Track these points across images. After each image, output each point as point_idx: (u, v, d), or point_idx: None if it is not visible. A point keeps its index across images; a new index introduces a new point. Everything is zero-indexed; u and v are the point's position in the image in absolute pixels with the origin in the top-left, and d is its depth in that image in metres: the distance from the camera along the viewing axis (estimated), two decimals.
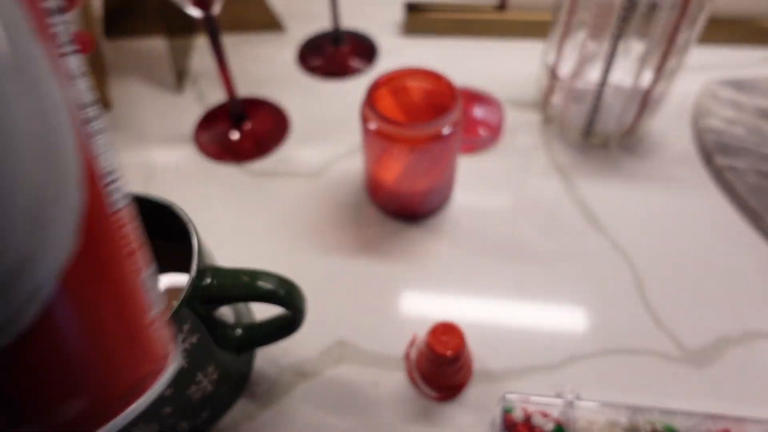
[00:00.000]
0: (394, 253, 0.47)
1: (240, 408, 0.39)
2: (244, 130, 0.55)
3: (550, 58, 0.52)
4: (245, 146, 0.54)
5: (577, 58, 0.49)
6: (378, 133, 0.42)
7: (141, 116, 0.59)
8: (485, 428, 0.38)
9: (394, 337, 0.42)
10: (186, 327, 0.31)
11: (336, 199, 0.51)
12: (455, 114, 0.42)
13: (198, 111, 0.59)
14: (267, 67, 0.63)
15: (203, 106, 0.59)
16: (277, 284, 0.33)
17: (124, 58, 0.65)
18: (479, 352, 0.41)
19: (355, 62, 0.63)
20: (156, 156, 0.55)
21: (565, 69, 0.51)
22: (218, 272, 0.33)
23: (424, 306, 0.44)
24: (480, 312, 0.43)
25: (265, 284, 0.33)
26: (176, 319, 0.30)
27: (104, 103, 0.58)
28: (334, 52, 0.63)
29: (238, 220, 0.50)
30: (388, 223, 0.49)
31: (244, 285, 0.33)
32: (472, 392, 0.40)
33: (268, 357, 0.41)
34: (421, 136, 0.41)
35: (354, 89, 0.61)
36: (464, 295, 0.44)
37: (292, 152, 0.55)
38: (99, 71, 0.60)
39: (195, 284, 0.31)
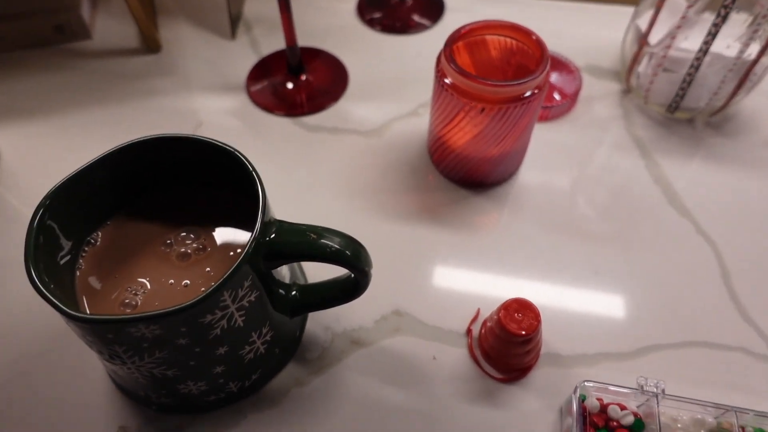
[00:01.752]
0: (456, 221, 0.44)
1: (290, 372, 0.37)
2: (300, 81, 0.52)
3: (643, 21, 0.47)
4: (301, 99, 0.51)
5: (673, 23, 0.44)
6: (456, 89, 0.39)
7: (191, 61, 0.56)
8: (553, 415, 0.35)
9: (454, 310, 0.39)
10: (247, 283, 0.29)
11: (395, 160, 0.48)
12: (543, 74, 0.38)
13: (250, 59, 0.55)
14: (325, 17, 0.60)
15: (256, 54, 0.56)
16: (345, 244, 0.31)
17: None
18: (547, 334, 0.38)
19: (418, 18, 0.59)
20: (204, 103, 0.52)
21: (657, 35, 0.47)
22: (283, 228, 0.30)
23: (487, 280, 0.41)
24: (548, 291, 0.40)
25: (332, 243, 0.30)
26: (238, 274, 0.27)
27: (153, 45, 0.56)
28: (398, 5, 0.59)
29: (289, 175, 0.47)
30: (451, 189, 0.46)
31: (310, 243, 0.30)
32: (538, 376, 0.37)
33: (319, 322, 0.39)
34: (505, 96, 0.38)
35: (416, 46, 0.57)
36: (532, 271, 0.41)
37: (350, 108, 0.52)
38: (148, 11, 0.57)
39: (258, 239, 0.29)
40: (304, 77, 0.52)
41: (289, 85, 0.52)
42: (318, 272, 0.40)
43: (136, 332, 0.26)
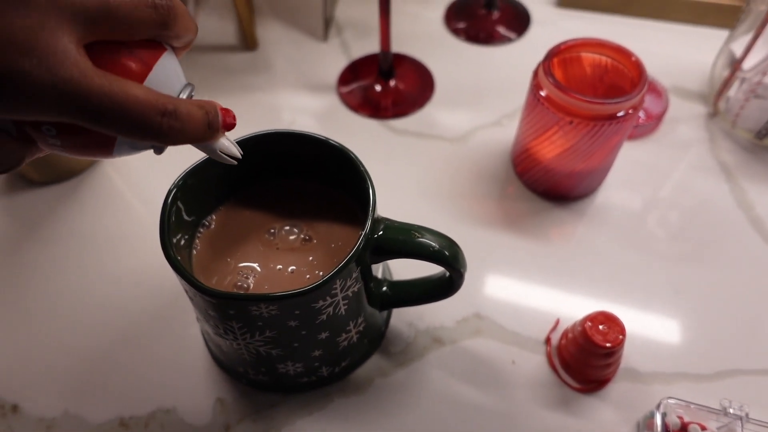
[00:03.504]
0: (536, 232, 0.45)
1: (374, 363, 0.39)
2: (389, 86, 0.54)
3: (738, 46, 0.47)
4: (388, 102, 0.53)
5: None
6: (551, 103, 0.40)
7: (284, 60, 0.58)
8: (629, 429, 0.36)
9: (533, 317, 0.40)
10: (354, 274, 0.31)
11: (479, 168, 0.49)
12: (640, 96, 0.39)
13: (341, 61, 0.58)
14: (413, 24, 0.62)
15: (346, 57, 0.58)
16: (446, 245, 0.32)
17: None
18: (626, 349, 0.38)
19: (504, 30, 0.60)
20: (296, 101, 0.55)
21: (751, 61, 0.47)
22: (390, 226, 0.32)
23: (566, 292, 0.42)
24: (627, 306, 0.41)
25: (434, 243, 0.32)
26: (350, 266, 0.29)
27: (251, 43, 0.59)
28: (484, 17, 0.61)
29: (374, 175, 0.48)
30: (532, 200, 0.47)
31: (414, 242, 0.32)
32: (615, 389, 0.37)
33: (403, 318, 0.41)
34: (599, 114, 0.39)
35: (501, 58, 0.58)
36: (610, 286, 0.42)
37: (435, 114, 0.53)
38: (248, 10, 0.60)
39: (368, 235, 0.31)
40: (393, 82, 0.54)
41: (378, 89, 0.54)
42: (403, 271, 0.41)
43: (256, 311, 0.29)
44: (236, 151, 0.26)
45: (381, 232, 0.32)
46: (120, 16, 0.20)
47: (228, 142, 0.27)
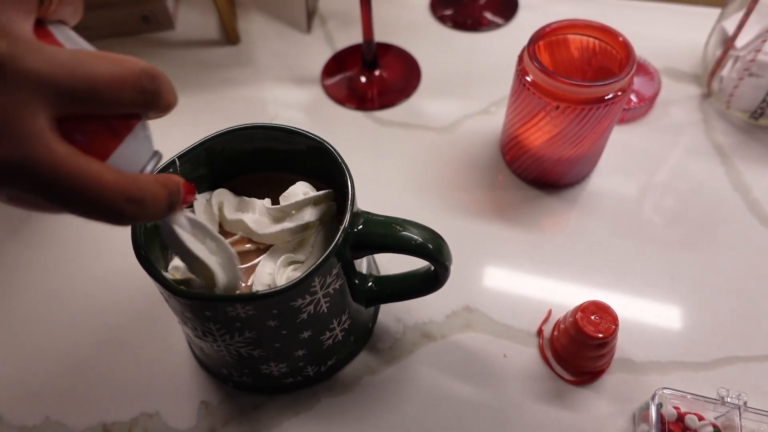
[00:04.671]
0: (527, 221, 0.44)
1: (362, 361, 0.38)
2: (374, 76, 0.53)
3: (730, 24, 0.46)
4: (374, 93, 0.52)
5: (763, 26, 0.43)
6: (537, 88, 0.39)
7: (267, 53, 0.57)
8: (624, 421, 0.35)
9: (524, 309, 0.39)
10: (334, 271, 0.30)
11: (466, 158, 0.48)
12: (628, 77, 0.38)
13: (325, 53, 0.57)
14: (398, 12, 0.60)
15: (330, 48, 0.57)
16: (429, 237, 0.31)
17: None
18: (620, 339, 0.37)
19: (491, 15, 0.59)
20: (279, 94, 0.54)
21: (744, 38, 0.45)
22: (370, 219, 0.31)
23: (558, 281, 0.41)
24: (621, 295, 0.40)
25: (416, 237, 0.31)
26: (329, 262, 0.28)
27: (233, 37, 0.57)
28: (471, 3, 0.59)
29: (361, 168, 0.47)
30: (522, 189, 0.46)
31: (395, 235, 0.31)
32: (610, 380, 0.36)
33: (391, 313, 0.40)
34: (587, 97, 0.38)
35: (488, 44, 0.57)
36: (604, 274, 0.41)
37: (421, 104, 0.52)
38: (228, 4, 0.59)
39: (348, 230, 0.30)
40: (377, 72, 0.53)
41: (363, 79, 0.53)
42: (389, 264, 0.40)
43: (232, 311, 0.28)
44: (188, 227, 0.25)
45: (361, 227, 0.31)
46: (105, 98, 0.19)
47: (183, 219, 0.25)
